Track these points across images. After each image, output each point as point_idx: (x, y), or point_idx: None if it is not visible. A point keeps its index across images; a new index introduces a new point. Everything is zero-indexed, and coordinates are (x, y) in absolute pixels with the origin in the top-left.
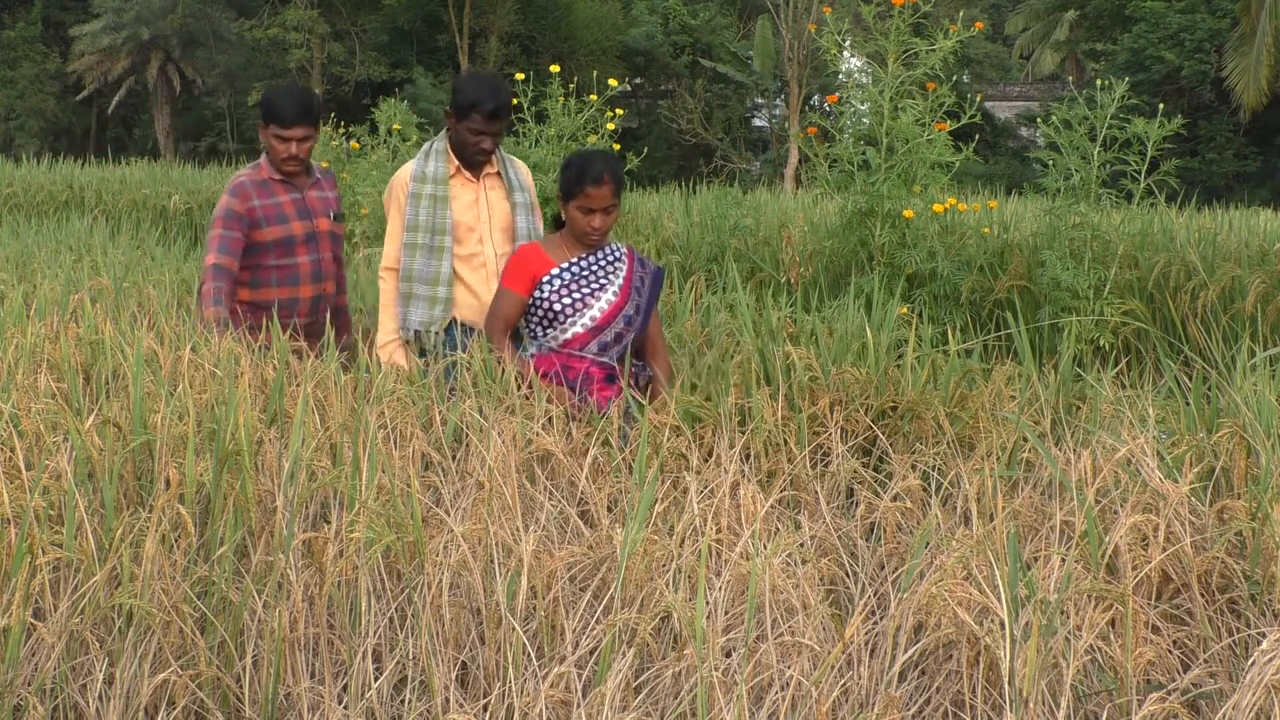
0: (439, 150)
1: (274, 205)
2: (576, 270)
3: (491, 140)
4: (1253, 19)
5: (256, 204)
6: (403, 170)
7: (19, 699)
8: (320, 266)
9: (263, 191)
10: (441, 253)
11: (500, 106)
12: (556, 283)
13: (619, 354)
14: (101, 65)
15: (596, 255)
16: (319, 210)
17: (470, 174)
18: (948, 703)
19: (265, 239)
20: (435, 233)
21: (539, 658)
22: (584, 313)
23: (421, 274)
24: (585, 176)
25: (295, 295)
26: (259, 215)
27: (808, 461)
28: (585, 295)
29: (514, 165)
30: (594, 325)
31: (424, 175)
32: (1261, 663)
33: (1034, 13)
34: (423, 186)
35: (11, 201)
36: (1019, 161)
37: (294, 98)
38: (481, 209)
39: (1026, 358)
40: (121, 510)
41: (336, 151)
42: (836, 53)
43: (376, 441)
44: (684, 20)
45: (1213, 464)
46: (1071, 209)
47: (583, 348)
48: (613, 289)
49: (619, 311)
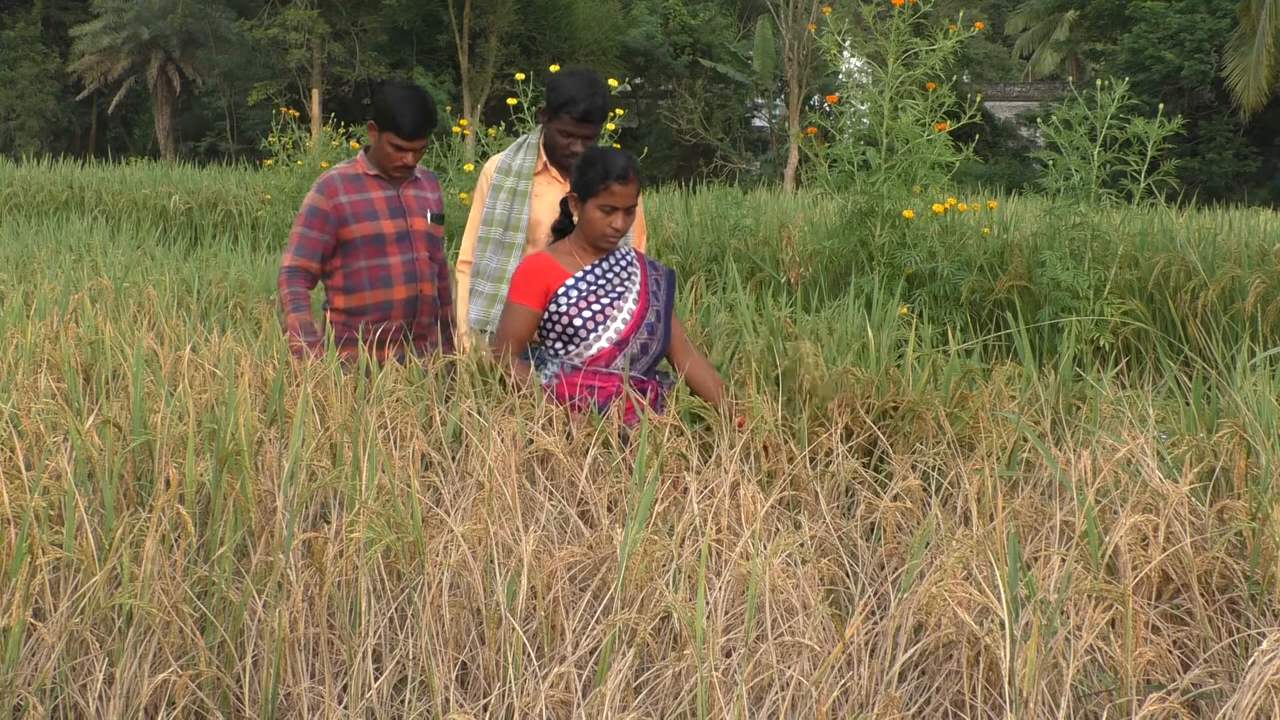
0: (531, 144)
1: (364, 201)
2: (592, 279)
3: (582, 144)
4: (1253, 19)
5: (344, 200)
6: (491, 161)
7: (19, 699)
8: (415, 267)
9: (353, 187)
10: (511, 249)
11: (593, 109)
12: (574, 294)
13: (647, 366)
14: (101, 65)
15: (609, 261)
16: (414, 209)
17: (559, 173)
18: (948, 703)
19: (354, 235)
20: (509, 228)
21: (539, 658)
22: (607, 325)
23: (487, 269)
24: (610, 172)
25: (389, 297)
26: (347, 212)
27: (808, 461)
28: (605, 306)
29: None
30: (619, 338)
31: (509, 168)
32: (1261, 663)
33: (1034, 13)
34: (505, 179)
35: (11, 201)
36: (1019, 161)
37: (417, 110)
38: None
39: (1026, 358)
40: (121, 510)
41: (337, 151)
42: (836, 53)
43: (376, 441)
44: (684, 20)
45: (1213, 464)
46: (1071, 209)
47: (609, 364)
48: (632, 296)
49: (641, 320)
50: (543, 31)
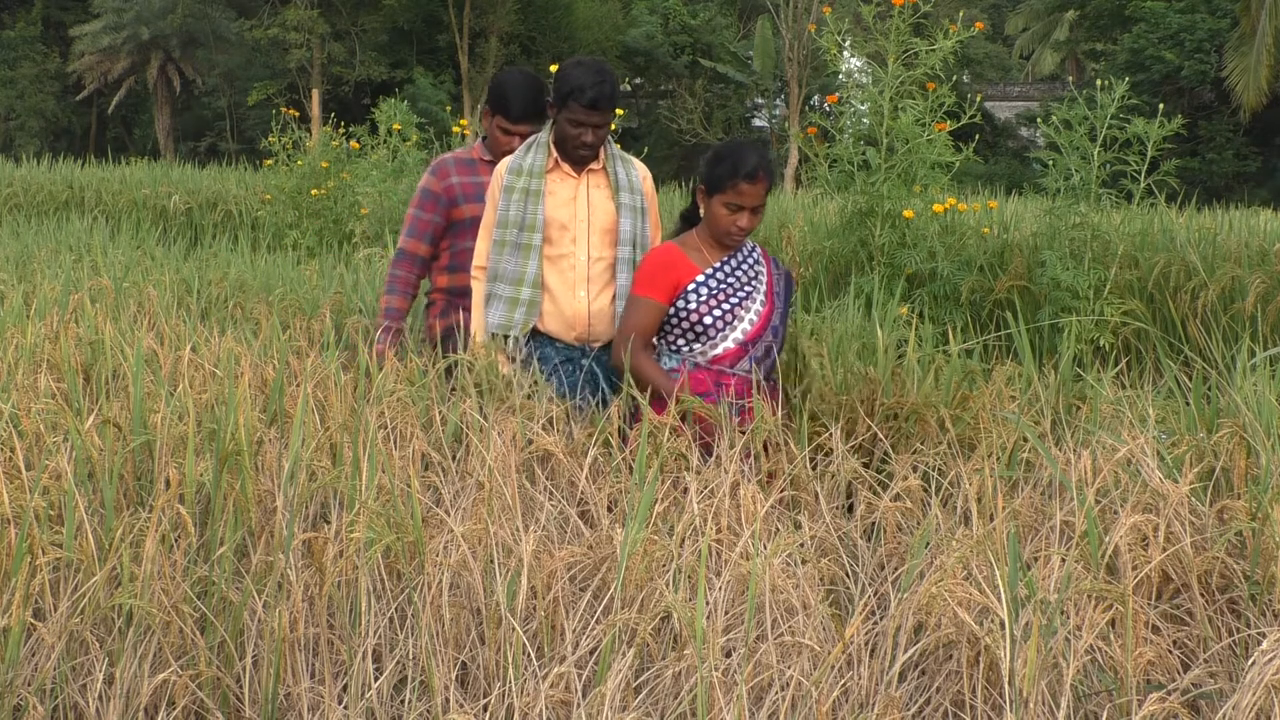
0: (540, 143)
1: (475, 184)
2: (721, 277)
3: (593, 133)
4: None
5: (455, 181)
6: (503, 162)
7: (19, 699)
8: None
9: (465, 169)
10: (529, 251)
11: (601, 95)
12: (704, 291)
13: (768, 368)
14: (101, 65)
15: (738, 258)
16: None
17: (572, 169)
18: (948, 703)
19: (463, 216)
20: (524, 229)
21: (539, 658)
22: (735, 326)
23: (505, 272)
24: (739, 170)
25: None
26: (457, 193)
27: (808, 461)
28: (734, 306)
29: (628, 164)
30: (745, 339)
31: (520, 168)
32: (1261, 663)
33: (1034, 13)
34: (517, 180)
35: (11, 201)
36: (1019, 161)
37: (526, 92)
38: (580, 206)
39: (1026, 358)
40: (121, 510)
41: (336, 151)
42: (836, 53)
43: (376, 441)
44: (684, 20)
45: (1213, 464)
46: (1071, 209)
47: (734, 364)
48: (759, 297)
49: (768, 322)
50: (543, 31)
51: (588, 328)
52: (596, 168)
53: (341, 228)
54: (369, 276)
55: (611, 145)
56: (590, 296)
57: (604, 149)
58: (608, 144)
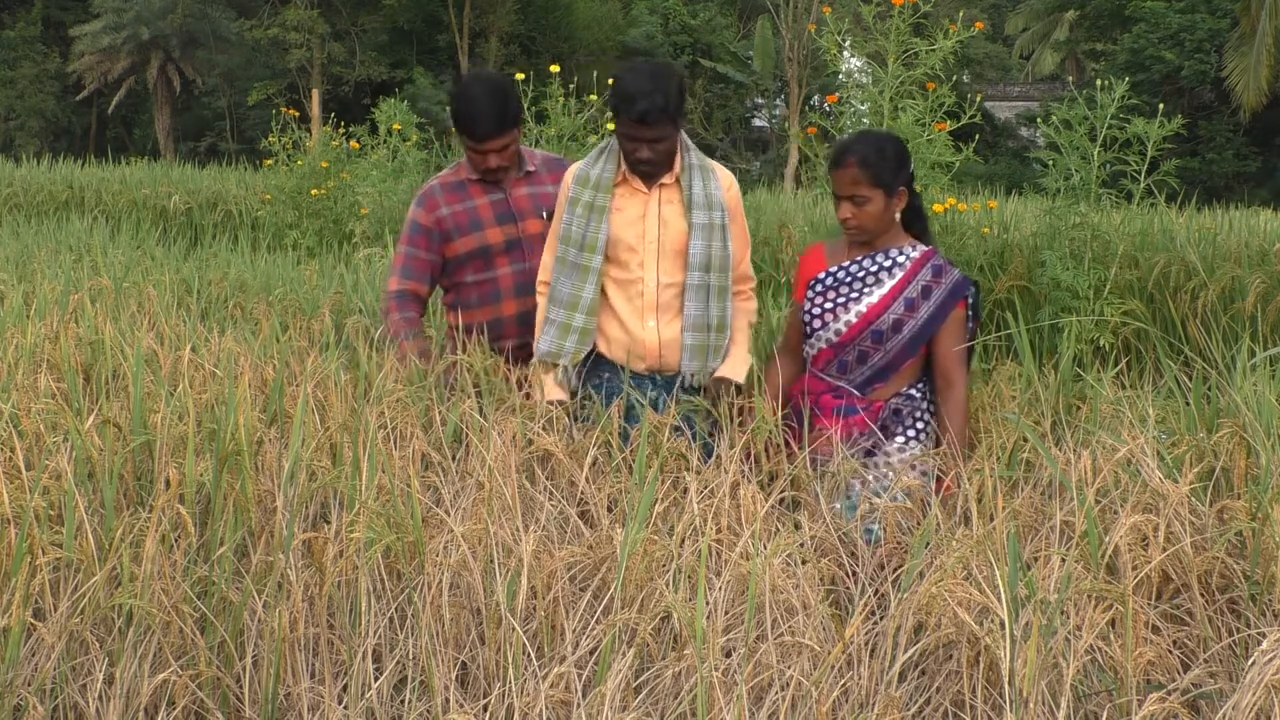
0: (612, 150)
1: (467, 211)
2: (842, 275)
3: (649, 149)
4: (1253, 19)
5: (445, 212)
6: (571, 169)
7: (19, 699)
8: (527, 278)
9: (455, 195)
10: (586, 273)
11: (652, 108)
12: (819, 287)
13: (864, 377)
14: (101, 65)
15: (876, 258)
16: (528, 210)
17: (642, 183)
18: (948, 703)
19: (458, 252)
20: (584, 249)
21: (539, 658)
22: (830, 326)
23: (560, 295)
24: (832, 158)
25: (498, 315)
26: (449, 225)
27: (808, 461)
28: (838, 305)
29: (707, 174)
30: (838, 340)
31: (586, 178)
32: (1261, 663)
33: (1034, 13)
34: (583, 191)
35: (11, 201)
36: (1019, 161)
37: (481, 107)
38: (650, 226)
39: (1026, 358)
40: (121, 510)
41: (336, 152)
42: (836, 53)
43: (376, 441)
44: (684, 20)
45: (1213, 464)
46: (1071, 209)
47: (824, 368)
48: (873, 297)
49: (869, 324)
50: (543, 31)
51: (658, 359)
52: (669, 181)
53: (341, 228)
54: (369, 276)
55: (690, 153)
56: (660, 325)
57: (680, 158)
58: (685, 152)
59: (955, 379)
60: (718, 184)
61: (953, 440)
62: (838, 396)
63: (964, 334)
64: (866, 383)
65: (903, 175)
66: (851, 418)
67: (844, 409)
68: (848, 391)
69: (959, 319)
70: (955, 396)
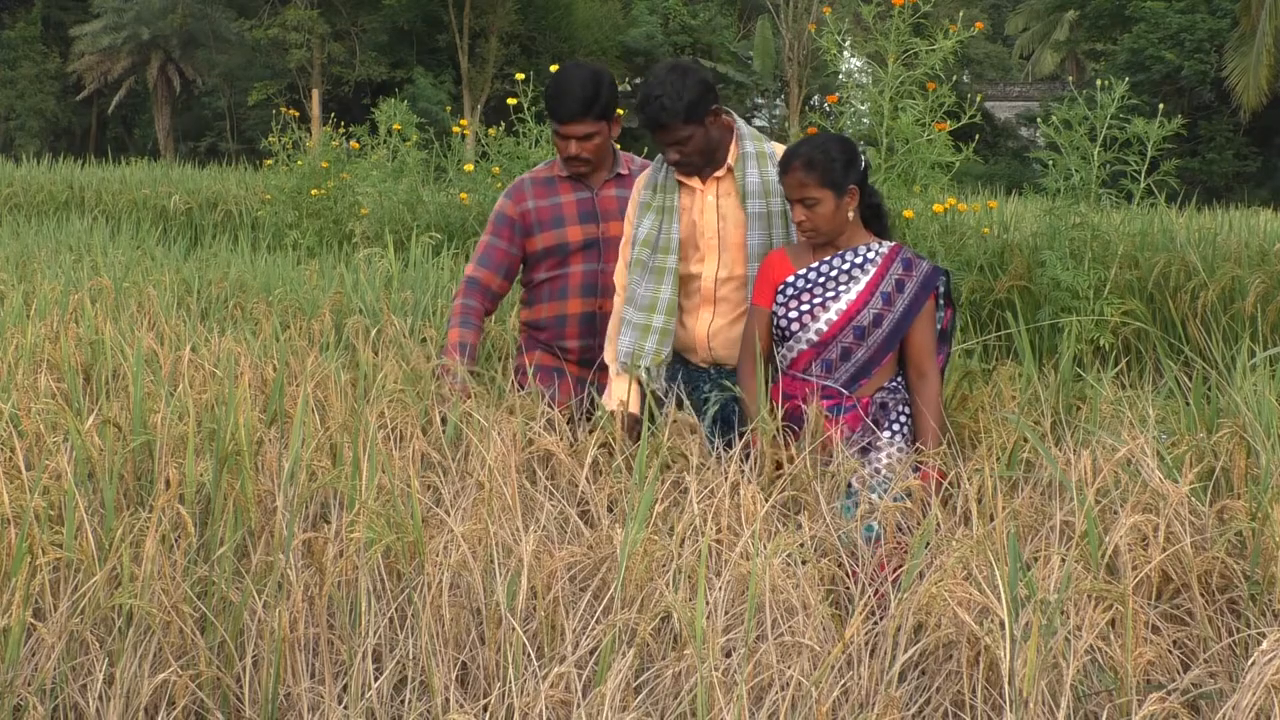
0: None
1: (552, 207)
2: (814, 276)
3: (676, 151)
4: (1253, 19)
5: (531, 205)
6: (641, 176)
7: (19, 699)
8: (597, 279)
9: (543, 190)
10: (663, 274)
11: (659, 112)
12: (790, 291)
13: (849, 374)
14: (101, 65)
15: (843, 257)
16: (612, 212)
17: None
18: (948, 703)
19: (537, 248)
20: (658, 250)
21: (539, 658)
22: (809, 327)
23: (638, 297)
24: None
25: (561, 311)
26: (533, 220)
27: (808, 461)
28: (815, 306)
29: (762, 161)
30: (818, 340)
31: (655, 184)
32: (1261, 663)
33: (1034, 13)
34: (654, 197)
35: (11, 201)
36: (1019, 161)
37: (569, 87)
38: (708, 220)
39: (1027, 358)
40: (121, 510)
41: (336, 152)
42: (836, 53)
43: (376, 441)
44: (684, 20)
45: (1213, 464)
46: (1071, 209)
47: (805, 369)
48: (851, 294)
49: (848, 321)
50: (543, 31)
51: (708, 350)
52: (722, 174)
53: (341, 228)
54: (369, 276)
55: (745, 142)
56: (711, 317)
57: (735, 147)
58: (739, 141)
59: (928, 370)
60: (774, 170)
61: (929, 429)
62: (826, 396)
63: (934, 325)
64: (851, 380)
65: (853, 174)
66: (844, 416)
67: (836, 408)
68: (836, 391)
69: (930, 311)
70: (929, 387)
